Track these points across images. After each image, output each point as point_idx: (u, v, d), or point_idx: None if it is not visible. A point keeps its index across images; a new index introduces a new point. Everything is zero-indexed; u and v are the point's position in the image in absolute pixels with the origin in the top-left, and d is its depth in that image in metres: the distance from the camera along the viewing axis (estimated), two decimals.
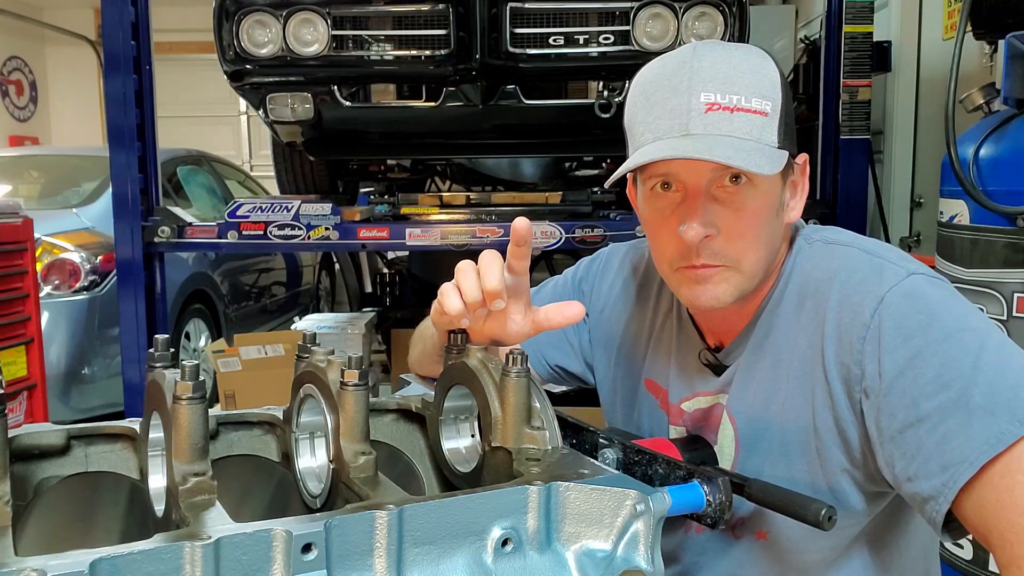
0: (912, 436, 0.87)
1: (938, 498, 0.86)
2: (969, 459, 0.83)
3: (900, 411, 0.88)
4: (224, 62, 2.76)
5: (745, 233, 0.97)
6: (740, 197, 0.96)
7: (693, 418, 1.11)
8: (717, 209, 0.96)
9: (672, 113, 0.95)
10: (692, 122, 0.94)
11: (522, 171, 4.06)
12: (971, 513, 0.85)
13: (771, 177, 0.96)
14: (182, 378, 0.70)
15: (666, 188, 0.99)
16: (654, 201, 1.01)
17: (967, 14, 2.01)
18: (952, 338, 0.88)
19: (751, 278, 1.00)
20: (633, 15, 2.67)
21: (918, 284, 0.93)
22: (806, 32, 5.00)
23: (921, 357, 0.88)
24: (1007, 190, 1.87)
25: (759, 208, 0.98)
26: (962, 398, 0.85)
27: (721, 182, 0.96)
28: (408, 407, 1.01)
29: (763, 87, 0.96)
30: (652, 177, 1.00)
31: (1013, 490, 0.82)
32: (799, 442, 0.99)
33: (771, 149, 0.95)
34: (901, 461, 0.89)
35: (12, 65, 9.76)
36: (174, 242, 3.03)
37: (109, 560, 0.55)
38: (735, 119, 0.94)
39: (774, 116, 0.96)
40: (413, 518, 0.65)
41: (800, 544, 1.01)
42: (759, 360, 1.04)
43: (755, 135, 0.95)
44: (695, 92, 0.94)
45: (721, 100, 0.94)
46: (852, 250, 1.01)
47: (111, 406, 3.81)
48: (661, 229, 1.01)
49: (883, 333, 0.91)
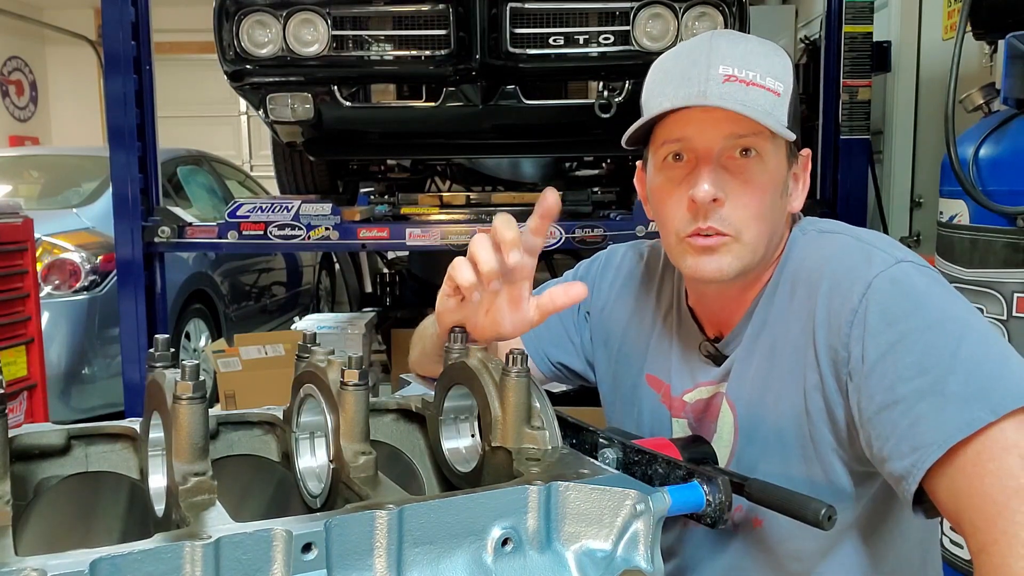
0: (887, 417, 0.90)
1: (908, 478, 0.88)
2: (938, 441, 0.85)
3: (878, 393, 0.91)
4: (224, 62, 2.76)
5: (750, 204, 1.00)
6: (749, 170, 1.00)
7: (695, 409, 1.13)
8: (727, 177, 1.00)
9: (690, 81, 0.99)
10: (710, 89, 0.97)
11: (522, 171, 4.06)
12: (944, 498, 0.87)
13: (778, 157, 1.01)
14: (182, 378, 0.70)
15: (677, 160, 1.02)
16: (665, 171, 1.04)
17: (967, 14, 2.01)
18: (935, 326, 0.90)
19: (753, 251, 1.02)
20: (633, 15, 2.67)
21: (906, 271, 0.95)
22: (806, 32, 5.00)
23: (903, 343, 0.90)
24: (1007, 190, 1.87)
25: (766, 183, 1.01)
26: (938, 384, 0.87)
27: (731, 153, 1.00)
28: (408, 407, 1.01)
29: (776, 70, 1.00)
30: (665, 144, 1.03)
31: (983, 478, 0.83)
32: (794, 426, 1.01)
33: (781, 125, 0.99)
34: (877, 442, 0.91)
35: (12, 65, 9.76)
36: (174, 242, 3.03)
37: (109, 560, 0.55)
38: (750, 91, 0.97)
39: (785, 97, 1.00)
40: (413, 518, 0.65)
41: (794, 532, 1.02)
42: (756, 347, 1.06)
43: (768, 109, 0.98)
44: (714, 64, 0.98)
45: (738, 73, 0.97)
46: (843, 237, 1.03)
47: (111, 406, 3.81)
48: (670, 197, 1.04)
49: (869, 318, 0.93)
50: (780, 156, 1.02)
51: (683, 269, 1.07)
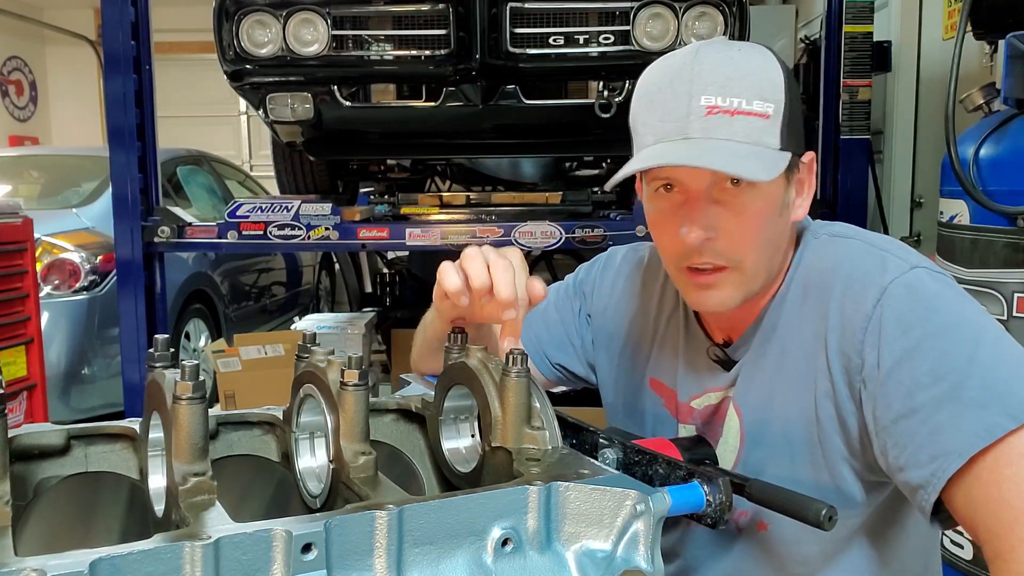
0: (905, 426, 0.88)
1: (927, 487, 0.87)
2: (959, 450, 0.84)
3: (895, 401, 0.89)
4: (224, 62, 2.76)
5: (746, 235, 0.98)
6: (741, 200, 0.97)
7: (703, 416, 1.12)
8: (718, 211, 0.97)
9: (672, 116, 0.96)
10: (691, 126, 0.94)
11: (522, 171, 4.06)
12: (960, 505, 0.86)
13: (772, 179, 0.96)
14: (182, 378, 0.70)
15: (668, 189, 1.00)
16: (657, 202, 1.02)
17: (967, 14, 2.01)
18: (950, 332, 0.89)
19: (753, 278, 1.00)
20: (633, 15, 2.66)
21: (920, 277, 0.94)
22: (806, 32, 5.00)
23: (918, 349, 0.89)
24: (1007, 190, 1.87)
25: (760, 210, 0.98)
26: (956, 391, 0.86)
27: (722, 184, 0.97)
28: (408, 407, 1.00)
29: (764, 89, 0.96)
30: (655, 179, 1.01)
31: (1001, 484, 0.83)
32: (802, 432, 1.00)
33: (771, 152, 0.96)
34: (894, 450, 0.90)
35: (12, 65, 9.75)
36: (174, 242, 3.02)
37: (109, 560, 0.55)
38: (735, 123, 0.94)
39: (776, 118, 0.96)
40: (413, 518, 0.65)
41: (800, 536, 1.01)
42: (765, 352, 1.04)
43: (755, 138, 0.95)
44: (695, 95, 0.95)
45: (721, 103, 0.94)
46: (856, 242, 1.02)
47: (111, 406, 3.81)
48: (664, 229, 1.02)
49: (884, 324, 0.92)
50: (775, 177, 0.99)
51: (686, 300, 1.07)
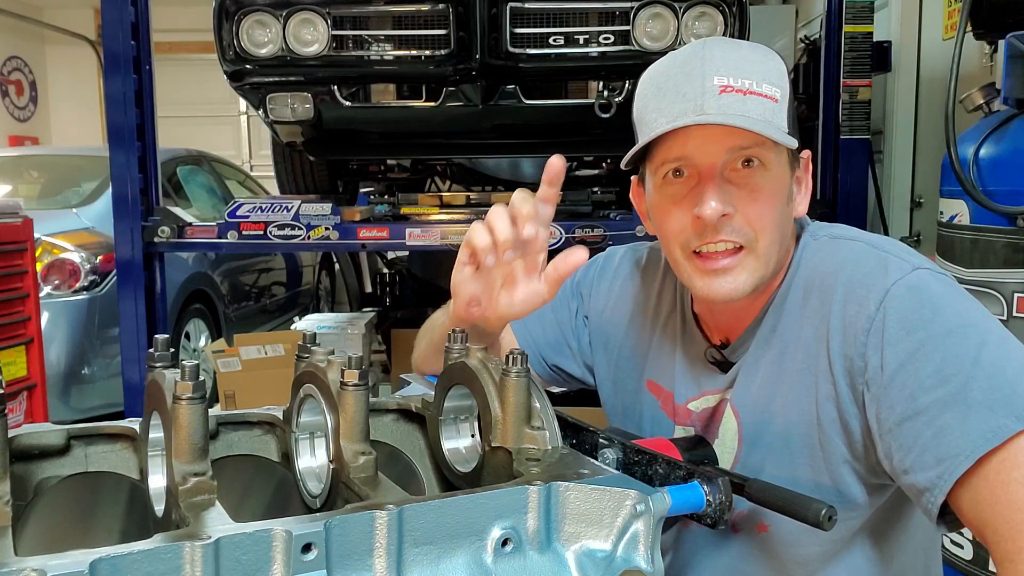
0: (910, 428, 0.88)
1: (933, 490, 0.86)
2: (965, 452, 0.84)
3: (899, 404, 0.89)
4: (224, 62, 2.76)
5: (762, 212, 0.98)
6: (754, 180, 0.98)
7: (701, 418, 1.11)
8: (732, 190, 0.97)
9: (685, 97, 0.96)
10: (707, 103, 0.95)
11: (522, 171, 4.06)
12: (967, 507, 0.85)
13: (781, 164, 0.99)
14: (182, 378, 0.70)
15: (677, 175, 1.00)
16: (666, 188, 1.02)
17: (967, 14, 2.01)
18: (954, 333, 0.88)
19: (767, 262, 1.00)
20: (633, 15, 2.66)
21: (923, 279, 0.93)
22: (806, 32, 5.00)
23: (922, 351, 0.88)
24: (1007, 190, 1.87)
25: (773, 192, 0.99)
26: (961, 393, 0.85)
27: (734, 165, 0.97)
28: (408, 407, 1.00)
29: (772, 74, 0.98)
30: (664, 164, 1.00)
31: (1008, 486, 0.82)
32: (802, 434, 0.99)
33: (782, 132, 0.97)
34: (899, 453, 0.89)
35: (12, 65, 9.75)
36: (174, 242, 3.03)
37: (109, 560, 0.55)
38: (748, 101, 0.95)
39: (783, 103, 0.98)
40: (413, 518, 0.65)
41: (801, 537, 1.01)
42: (765, 354, 1.04)
43: (767, 118, 0.96)
44: (708, 76, 0.96)
45: (734, 83, 0.95)
46: (858, 244, 1.01)
47: (111, 406, 3.81)
48: (673, 212, 1.01)
49: (887, 326, 0.91)
50: (783, 163, 1.00)
51: (694, 290, 1.04)
